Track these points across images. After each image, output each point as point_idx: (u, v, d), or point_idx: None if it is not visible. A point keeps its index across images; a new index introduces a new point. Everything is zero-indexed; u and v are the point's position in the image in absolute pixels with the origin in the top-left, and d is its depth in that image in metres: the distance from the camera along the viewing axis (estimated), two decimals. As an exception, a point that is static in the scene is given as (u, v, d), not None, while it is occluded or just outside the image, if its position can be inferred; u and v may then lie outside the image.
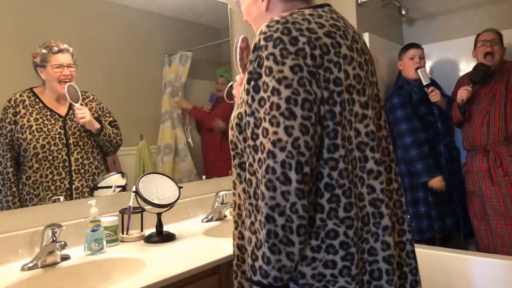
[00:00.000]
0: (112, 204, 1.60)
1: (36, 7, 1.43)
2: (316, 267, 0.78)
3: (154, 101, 1.82)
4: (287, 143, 0.73)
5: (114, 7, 1.67)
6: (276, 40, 0.79)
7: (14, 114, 1.36)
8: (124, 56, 1.70)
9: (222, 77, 2.13)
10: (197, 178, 1.99)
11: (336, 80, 0.81)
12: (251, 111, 0.80)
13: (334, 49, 0.82)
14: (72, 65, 1.49)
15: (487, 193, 2.32)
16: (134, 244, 1.49)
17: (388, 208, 0.84)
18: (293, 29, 0.80)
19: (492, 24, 2.76)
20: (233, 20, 2.22)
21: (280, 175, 0.73)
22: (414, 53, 2.53)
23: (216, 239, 1.50)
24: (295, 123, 0.74)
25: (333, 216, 0.79)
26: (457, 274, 2.08)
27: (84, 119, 1.52)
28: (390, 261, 0.82)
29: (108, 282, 1.28)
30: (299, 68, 0.77)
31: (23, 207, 1.36)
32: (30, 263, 1.23)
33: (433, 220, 2.41)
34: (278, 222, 0.73)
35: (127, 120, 1.70)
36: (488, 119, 2.34)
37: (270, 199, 0.73)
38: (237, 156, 0.89)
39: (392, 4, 2.93)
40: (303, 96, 0.76)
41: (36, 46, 1.42)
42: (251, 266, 0.78)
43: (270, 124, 0.75)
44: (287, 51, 0.78)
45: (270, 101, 0.76)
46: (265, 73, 0.78)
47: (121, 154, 1.67)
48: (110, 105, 1.64)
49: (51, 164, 1.43)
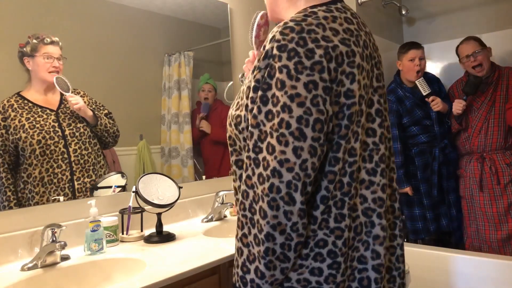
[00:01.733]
0: (112, 204, 1.60)
1: (35, 7, 1.42)
2: (302, 273, 0.79)
3: (154, 101, 1.82)
4: (295, 165, 0.72)
5: (114, 7, 1.66)
6: (290, 52, 0.75)
7: (4, 119, 1.35)
8: (124, 56, 1.70)
9: (208, 84, 2.06)
10: (197, 178, 1.99)
11: (347, 93, 0.77)
12: (256, 122, 0.77)
13: (349, 58, 0.78)
14: (61, 58, 1.48)
15: (480, 199, 2.31)
16: (134, 244, 1.49)
17: (381, 218, 0.83)
18: (309, 39, 0.76)
19: (492, 24, 2.76)
20: (233, 20, 2.21)
21: (285, 195, 0.72)
22: (414, 54, 2.45)
23: (216, 239, 1.50)
24: (304, 144, 0.72)
25: (324, 227, 0.79)
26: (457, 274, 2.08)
27: (78, 105, 1.52)
28: (379, 270, 0.82)
29: (108, 282, 1.28)
30: (313, 86, 0.73)
31: (23, 207, 1.36)
32: (30, 263, 1.23)
33: (428, 222, 2.41)
34: (277, 241, 0.73)
35: (127, 120, 1.69)
36: (487, 126, 2.33)
37: (273, 218, 0.72)
38: (234, 152, 0.88)
39: (392, 4, 2.93)
40: (315, 117, 0.73)
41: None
42: (241, 277, 0.78)
43: (278, 143, 0.73)
44: (302, 65, 0.74)
45: (280, 117, 0.73)
46: (276, 86, 0.75)
47: (121, 154, 1.67)
48: (110, 105, 1.64)
49: (50, 157, 1.43)
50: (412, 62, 2.44)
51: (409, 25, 3.15)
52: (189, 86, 1.97)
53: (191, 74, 1.98)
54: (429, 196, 2.42)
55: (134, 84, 1.73)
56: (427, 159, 2.44)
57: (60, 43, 1.48)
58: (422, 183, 2.42)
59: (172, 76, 1.90)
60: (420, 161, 2.44)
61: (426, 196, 2.41)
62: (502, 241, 2.24)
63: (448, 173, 2.51)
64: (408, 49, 2.47)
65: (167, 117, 1.87)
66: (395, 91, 2.49)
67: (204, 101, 2.04)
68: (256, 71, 0.80)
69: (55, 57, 1.46)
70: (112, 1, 1.66)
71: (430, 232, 2.41)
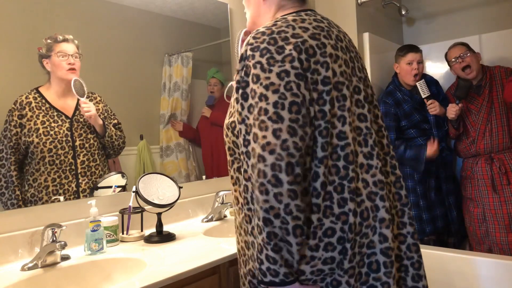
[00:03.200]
0: (112, 204, 1.60)
1: (36, 7, 1.43)
2: (316, 265, 0.80)
3: (154, 101, 1.82)
4: (276, 146, 0.75)
5: (114, 7, 1.67)
6: (263, 50, 0.81)
7: (20, 116, 1.35)
8: (124, 56, 1.70)
9: (214, 78, 2.10)
10: (197, 178, 1.99)
11: (324, 80, 0.82)
12: (241, 118, 0.83)
13: (320, 50, 0.84)
14: (77, 56, 1.49)
15: (490, 201, 2.29)
16: (134, 244, 1.49)
17: (384, 200, 0.84)
18: (279, 38, 0.82)
19: (492, 24, 2.76)
20: (233, 20, 2.22)
21: (271, 177, 0.74)
22: (412, 58, 2.41)
23: (216, 239, 1.50)
24: (282, 125, 0.76)
25: (330, 214, 0.80)
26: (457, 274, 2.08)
27: (90, 113, 1.52)
28: (388, 254, 0.83)
29: (108, 282, 1.28)
30: (285, 74, 0.79)
31: (23, 207, 1.36)
32: (30, 263, 1.23)
33: (424, 223, 2.40)
34: (275, 224, 0.75)
35: (127, 120, 1.70)
36: (491, 127, 2.31)
37: (264, 202, 0.75)
38: (235, 161, 0.91)
39: (392, 4, 2.93)
40: (290, 100, 0.77)
41: (36, 45, 1.42)
42: (259, 269, 0.79)
43: (259, 129, 0.77)
44: (274, 59, 0.80)
45: (258, 106, 0.78)
46: (253, 80, 0.81)
47: (121, 154, 1.67)
48: (110, 105, 1.64)
49: (58, 168, 1.44)
50: (410, 65, 2.41)
51: (409, 25, 3.15)
52: (184, 87, 1.97)
53: (190, 75, 1.99)
54: (425, 197, 2.41)
55: (134, 84, 1.73)
56: None
57: (76, 42, 1.50)
58: (419, 184, 2.41)
59: (172, 76, 1.90)
60: None
61: (422, 198, 2.40)
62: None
63: (446, 176, 2.49)
64: (406, 52, 2.44)
65: (166, 116, 1.87)
66: (393, 94, 2.46)
67: (210, 94, 2.08)
68: (235, 74, 0.86)
69: (70, 54, 1.47)
70: (113, 1, 1.66)
71: (426, 233, 2.41)
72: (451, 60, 2.40)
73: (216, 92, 2.10)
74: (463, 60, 2.33)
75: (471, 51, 2.35)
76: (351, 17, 2.59)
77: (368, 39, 2.61)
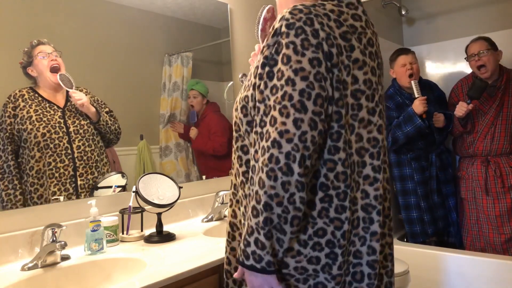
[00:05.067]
0: (112, 204, 1.60)
1: (35, 7, 1.43)
2: (300, 261, 0.80)
3: (154, 101, 1.82)
4: (294, 136, 0.73)
5: (114, 7, 1.67)
6: (298, 29, 0.78)
7: (14, 108, 1.37)
8: (124, 56, 1.70)
9: (193, 90, 1.97)
10: (197, 178, 1.99)
11: (343, 83, 0.80)
12: (262, 97, 0.80)
13: (347, 52, 0.81)
14: (56, 54, 1.48)
15: (483, 202, 2.29)
16: (134, 244, 1.49)
17: (380, 215, 0.84)
18: (316, 21, 0.79)
19: (492, 24, 2.76)
20: (233, 20, 2.22)
21: (283, 165, 0.73)
22: (404, 60, 2.40)
23: (216, 239, 1.50)
24: (305, 116, 0.74)
25: (324, 215, 0.80)
26: (457, 274, 2.08)
27: (82, 101, 1.53)
28: (374, 266, 0.83)
29: (108, 282, 1.28)
30: (317, 62, 0.76)
31: (23, 207, 1.36)
32: (30, 263, 1.23)
33: (426, 225, 2.39)
34: (275, 211, 0.74)
35: (127, 120, 1.70)
36: (494, 131, 2.28)
37: (270, 188, 0.74)
38: (239, 138, 0.89)
39: (392, 4, 2.93)
40: (317, 91, 0.75)
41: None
42: (243, 251, 0.79)
43: (280, 114, 0.75)
44: (309, 42, 0.77)
45: (283, 90, 0.76)
46: (283, 61, 0.77)
47: (121, 154, 1.67)
48: (110, 105, 1.64)
49: (53, 151, 1.44)
50: (403, 67, 2.39)
51: (409, 25, 3.15)
52: (184, 87, 1.97)
53: (190, 75, 1.99)
54: (427, 199, 2.40)
55: (134, 84, 1.73)
56: (422, 163, 2.42)
57: (51, 44, 1.47)
58: (419, 185, 2.40)
59: (172, 76, 1.90)
60: (416, 164, 2.41)
61: (423, 199, 2.39)
62: (506, 243, 2.22)
63: (445, 178, 2.48)
64: (397, 56, 2.44)
65: (166, 116, 1.87)
66: (394, 98, 2.44)
67: (191, 109, 1.97)
68: (265, 48, 0.82)
69: (49, 52, 1.47)
70: (112, 1, 1.66)
71: (428, 235, 2.39)
72: (469, 55, 2.35)
73: (196, 105, 1.98)
74: (480, 59, 2.28)
75: (492, 49, 2.28)
76: (351, 17, 2.58)
77: (368, 39, 2.61)
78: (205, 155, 2.03)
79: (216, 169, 2.07)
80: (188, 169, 1.96)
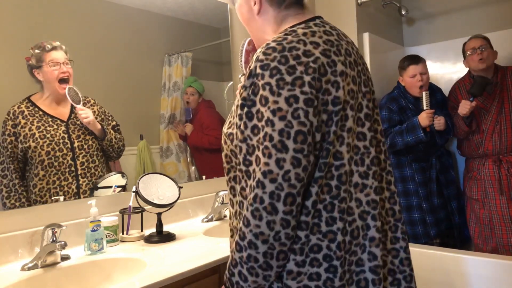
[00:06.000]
0: (112, 204, 1.60)
1: (35, 8, 1.43)
2: (302, 280, 0.80)
3: (154, 101, 1.82)
4: (278, 175, 0.74)
5: (114, 7, 1.67)
6: (273, 70, 0.78)
7: (14, 126, 1.35)
8: (124, 56, 1.70)
9: (191, 87, 1.99)
10: (197, 178, 1.99)
11: (334, 100, 0.80)
12: (243, 137, 0.81)
13: (331, 68, 0.81)
14: (68, 62, 1.48)
15: (497, 203, 2.26)
16: (134, 244, 1.49)
17: (376, 220, 0.84)
18: (290, 57, 0.79)
19: (492, 24, 2.76)
20: (233, 20, 2.22)
21: (268, 205, 0.74)
22: (414, 71, 2.34)
23: (216, 239, 1.50)
24: (287, 156, 0.74)
25: (317, 231, 0.80)
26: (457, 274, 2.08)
27: (88, 119, 1.52)
28: (377, 271, 0.83)
29: (108, 282, 1.28)
30: (294, 100, 0.77)
31: (23, 207, 1.36)
32: (30, 263, 1.23)
33: (428, 226, 2.37)
34: (260, 249, 0.75)
35: (127, 120, 1.70)
36: (500, 128, 2.27)
37: (255, 227, 0.75)
38: (232, 169, 0.90)
39: (392, 4, 2.93)
40: (296, 129, 0.76)
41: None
42: (229, 279, 0.82)
43: (263, 155, 0.76)
44: (284, 81, 0.77)
45: (264, 131, 0.77)
46: (261, 102, 0.78)
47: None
48: (110, 105, 1.64)
49: (58, 170, 1.43)
50: (413, 78, 2.35)
51: (409, 25, 3.15)
52: (184, 87, 1.97)
53: (190, 75, 1.99)
54: (428, 199, 2.38)
55: (134, 84, 1.73)
56: (423, 164, 2.42)
57: (63, 47, 1.48)
58: (421, 186, 2.38)
59: (172, 76, 1.90)
60: (417, 165, 2.41)
61: (425, 200, 2.37)
62: None
63: (447, 180, 2.47)
64: (407, 65, 2.38)
65: (166, 116, 1.87)
66: (398, 101, 2.41)
67: (186, 105, 1.98)
68: (242, 89, 0.83)
69: (61, 62, 1.46)
70: (112, 1, 1.66)
71: (431, 236, 2.37)
72: (468, 49, 2.34)
73: (192, 102, 2.00)
74: (481, 52, 2.28)
75: (491, 47, 2.31)
76: (351, 17, 2.59)
77: (368, 39, 2.61)
78: (200, 150, 2.03)
79: (211, 163, 2.07)
80: (189, 170, 1.96)
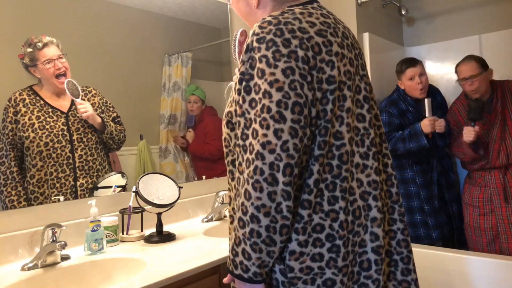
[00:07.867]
0: (112, 204, 1.60)
1: (35, 7, 1.42)
2: (304, 261, 0.81)
3: (154, 101, 1.82)
4: (276, 146, 0.75)
5: (114, 7, 1.67)
6: (269, 42, 0.80)
7: (15, 113, 1.35)
8: (124, 56, 1.70)
9: (194, 95, 2.00)
10: (197, 179, 1.99)
11: (329, 79, 0.82)
12: (241, 111, 0.82)
13: (326, 47, 0.83)
14: (62, 56, 1.47)
15: (503, 210, 2.22)
16: (134, 244, 1.49)
17: (377, 200, 0.86)
18: (286, 30, 0.81)
19: (492, 24, 2.76)
20: (233, 20, 2.22)
21: (268, 176, 0.74)
22: (412, 73, 2.32)
23: (216, 239, 1.50)
24: (284, 126, 0.76)
25: (319, 210, 0.81)
26: (457, 274, 2.08)
27: (87, 113, 1.51)
28: (379, 252, 0.84)
29: (108, 282, 1.28)
30: (291, 71, 0.78)
31: (23, 207, 1.36)
32: (30, 263, 1.23)
33: (430, 229, 2.36)
34: (262, 223, 0.75)
35: (127, 120, 1.70)
36: (505, 146, 2.22)
37: (257, 199, 0.75)
38: (230, 153, 0.91)
39: (392, 4, 2.94)
40: (293, 100, 0.77)
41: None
42: (232, 260, 0.81)
43: (260, 126, 0.77)
44: (280, 53, 0.79)
45: (261, 103, 0.78)
46: (257, 75, 0.80)
47: (121, 154, 1.67)
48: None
49: (55, 161, 1.43)
50: (412, 81, 2.33)
51: (409, 25, 3.15)
52: (184, 87, 1.97)
53: (190, 75, 1.99)
54: (429, 202, 2.37)
55: (134, 84, 1.73)
56: (424, 167, 2.41)
57: (54, 41, 1.46)
58: (422, 188, 2.37)
59: (172, 76, 1.90)
60: (418, 166, 2.40)
61: (427, 202, 2.35)
62: None
63: (447, 183, 2.46)
64: (405, 68, 2.36)
65: (166, 116, 1.87)
66: (398, 104, 2.39)
67: (190, 113, 1.99)
68: (240, 64, 0.85)
69: (54, 58, 1.45)
70: (112, 1, 1.66)
71: (433, 239, 2.35)
72: (460, 79, 2.28)
73: (196, 110, 2.01)
74: (472, 83, 2.21)
75: (483, 70, 2.21)
76: (351, 17, 2.59)
77: (368, 39, 2.61)
78: (198, 157, 2.03)
79: (208, 169, 2.06)
80: (187, 171, 1.96)
